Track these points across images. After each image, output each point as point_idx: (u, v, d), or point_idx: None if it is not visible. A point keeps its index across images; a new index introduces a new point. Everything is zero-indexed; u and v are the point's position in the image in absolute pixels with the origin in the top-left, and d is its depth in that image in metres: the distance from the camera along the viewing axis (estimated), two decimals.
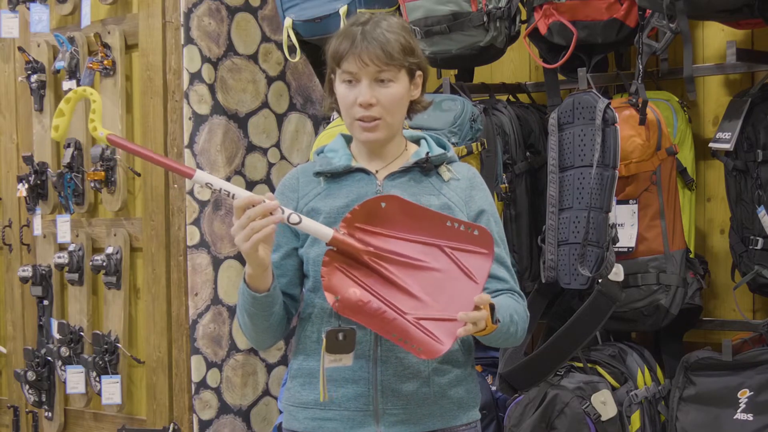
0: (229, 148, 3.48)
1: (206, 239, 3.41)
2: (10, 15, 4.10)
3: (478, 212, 2.08)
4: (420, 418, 2.02)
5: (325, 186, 2.08)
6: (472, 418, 2.10)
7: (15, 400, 4.26)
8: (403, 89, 2.03)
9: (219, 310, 3.44)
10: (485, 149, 2.85)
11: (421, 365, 2.01)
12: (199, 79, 3.39)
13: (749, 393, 2.60)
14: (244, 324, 2.05)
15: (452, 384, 2.05)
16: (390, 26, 2.02)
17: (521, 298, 2.09)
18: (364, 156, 2.10)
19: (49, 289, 4.04)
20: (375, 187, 2.05)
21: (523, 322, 2.06)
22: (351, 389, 2.00)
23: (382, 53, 1.97)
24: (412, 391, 2.01)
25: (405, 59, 2.01)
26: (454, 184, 2.09)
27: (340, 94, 2.03)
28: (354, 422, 2.00)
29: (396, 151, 2.10)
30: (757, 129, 2.72)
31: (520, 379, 2.70)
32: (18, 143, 4.23)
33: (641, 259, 2.72)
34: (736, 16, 2.63)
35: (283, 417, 2.13)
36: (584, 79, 2.82)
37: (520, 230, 3.00)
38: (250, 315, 2.00)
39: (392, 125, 2.04)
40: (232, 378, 3.48)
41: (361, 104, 1.99)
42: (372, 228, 1.94)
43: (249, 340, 2.12)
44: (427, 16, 2.96)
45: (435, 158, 2.08)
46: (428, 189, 2.07)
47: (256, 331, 2.04)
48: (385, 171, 2.08)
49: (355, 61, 1.98)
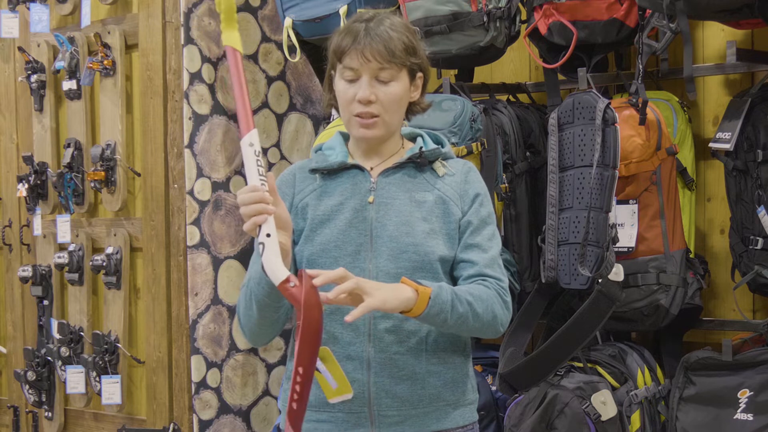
0: (229, 148, 3.48)
1: (206, 239, 3.41)
2: (10, 15, 4.10)
3: (473, 197, 2.08)
4: (415, 420, 2.01)
5: (321, 183, 2.08)
6: (469, 420, 2.10)
7: (15, 400, 4.26)
8: (402, 89, 2.03)
9: (219, 310, 3.44)
10: (485, 149, 2.85)
11: (416, 367, 2.00)
12: (199, 79, 3.39)
13: (749, 393, 2.60)
14: (248, 317, 2.01)
15: (447, 385, 2.04)
16: (393, 25, 2.02)
17: (497, 282, 2.03)
18: (360, 153, 2.11)
19: (49, 289, 4.04)
20: (369, 184, 2.06)
21: (486, 312, 1.98)
22: None
23: (384, 50, 1.97)
24: (407, 393, 2.00)
25: (407, 58, 2.01)
26: (449, 179, 2.09)
27: (340, 89, 2.03)
28: (349, 425, 2.00)
29: (392, 149, 2.11)
30: (757, 129, 2.72)
31: (520, 379, 2.70)
32: (18, 143, 4.23)
33: (641, 259, 2.72)
34: (736, 16, 2.63)
35: (280, 418, 2.12)
36: (584, 79, 2.82)
37: (520, 230, 3.00)
38: (260, 306, 1.95)
39: (390, 124, 2.04)
40: (232, 378, 3.48)
41: (360, 101, 1.99)
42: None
43: (249, 334, 2.07)
44: (427, 16, 2.96)
45: (429, 153, 2.08)
46: (422, 185, 2.07)
47: (261, 324, 2.00)
48: (379, 168, 2.08)
49: (357, 57, 1.98)
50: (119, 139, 3.73)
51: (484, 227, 2.07)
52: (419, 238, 2.01)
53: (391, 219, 2.03)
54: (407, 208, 2.03)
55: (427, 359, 2.02)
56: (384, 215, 2.03)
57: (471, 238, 2.05)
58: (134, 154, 3.75)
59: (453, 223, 2.05)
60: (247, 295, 2.00)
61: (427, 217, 2.03)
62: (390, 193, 2.05)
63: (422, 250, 2.01)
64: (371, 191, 2.05)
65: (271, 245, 1.81)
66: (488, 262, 2.04)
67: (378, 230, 2.02)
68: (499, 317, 2.02)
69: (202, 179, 3.40)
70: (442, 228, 2.04)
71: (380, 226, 2.02)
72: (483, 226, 2.07)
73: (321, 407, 2.01)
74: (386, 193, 2.05)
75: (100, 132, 3.84)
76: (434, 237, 2.02)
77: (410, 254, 2.00)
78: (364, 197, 2.05)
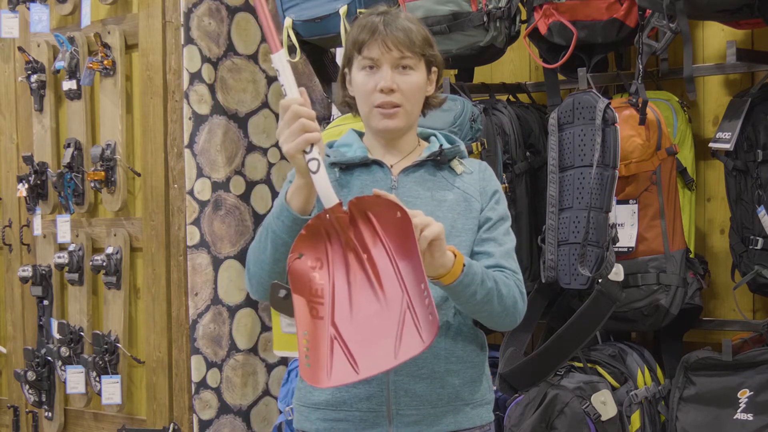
0: (229, 148, 3.48)
1: (206, 239, 3.41)
2: (10, 15, 4.11)
3: (491, 194, 2.08)
4: (433, 420, 2.00)
5: (340, 176, 2.06)
6: (486, 419, 2.09)
7: (15, 400, 4.26)
8: (422, 79, 2.03)
9: (219, 310, 3.44)
10: (485, 149, 2.85)
11: (435, 365, 1.99)
12: (199, 79, 3.39)
13: (749, 393, 2.60)
14: (260, 262, 1.93)
15: (466, 384, 2.04)
16: (409, 18, 2.04)
17: (514, 274, 2.02)
18: (378, 150, 2.09)
19: (49, 289, 4.04)
20: (390, 182, 2.05)
21: (509, 296, 1.97)
22: (363, 389, 1.98)
23: (406, 38, 1.98)
24: (425, 392, 1.99)
25: (425, 49, 2.02)
26: (467, 177, 2.09)
27: (359, 81, 2.02)
28: (366, 423, 1.98)
29: (410, 146, 2.10)
30: (757, 129, 2.72)
31: (520, 379, 2.70)
32: (18, 143, 4.23)
33: (641, 259, 2.72)
34: (736, 16, 2.63)
35: (294, 416, 2.11)
36: (584, 79, 2.82)
37: (520, 230, 3.00)
38: (276, 245, 1.87)
39: (411, 114, 2.04)
40: (232, 378, 3.48)
41: (383, 89, 1.98)
42: (373, 222, 1.81)
43: (256, 284, 1.97)
44: (427, 16, 2.96)
45: (449, 151, 2.08)
46: (442, 183, 2.07)
47: (273, 268, 1.91)
48: (399, 165, 2.07)
49: (378, 47, 1.98)
50: (119, 139, 3.74)
51: (501, 224, 2.08)
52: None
53: None
54: (429, 206, 2.03)
55: (446, 358, 2.01)
56: None
57: (487, 233, 2.05)
58: (134, 154, 3.75)
59: (474, 219, 2.05)
60: (263, 235, 1.92)
61: (449, 215, 2.03)
62: (412, 192, 2.05)
63: None
64: (392, 189, 2.04)
65: (323, 167, 1.77)
66: (504, 254, 2.04)
67: None
68: (519, 306, 2.01)
69: (202, 179, 3.40)
70: (464, 225, 2.04)
71: None
72: (500, 222, 2.07)
73: (338, 406, 2.00)
74: (408, 192, 2.05)
75: (100, 132, 3.84)
76: (456, 235, 2.02)
77: None
78: None
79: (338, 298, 1.78)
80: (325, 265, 1.80)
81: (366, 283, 1.79)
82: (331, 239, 1.81)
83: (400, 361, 1.70)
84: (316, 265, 1.79)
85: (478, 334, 2.09)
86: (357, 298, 1.78)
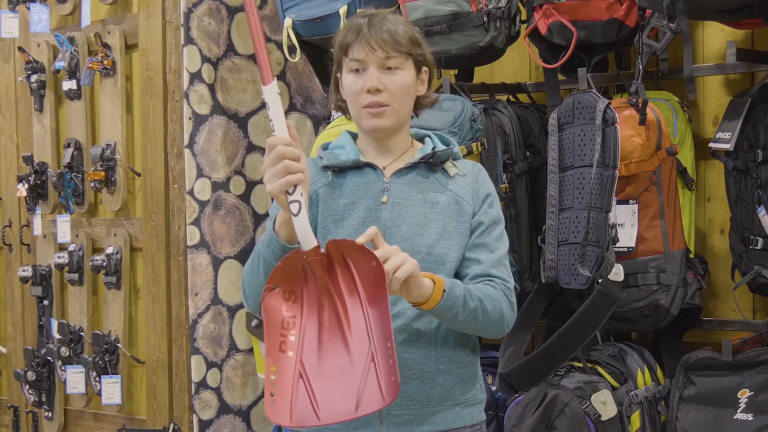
0: (229, 148, 3.48)
1: (206, 239, 3.41)
2: (10, 15, 4.10)
3: (484, 197, 2.08)
4: (424, 420, 2.01)
5: (332, 179, 2.07)
6: (477, 419, 2.09)
7: (15, 400, 4.26)
8: (410, 79, 2.03)
9: (219, 310, 3.44)
10: (485, 149, 2.85)
11: (426, 366, 2.00)
12: (199, 79, 3.39)
13: (749, 393, 2.60)
14: (254, 285, 1.96)
15: (457, 384, 2.04)
16: (396, 19, 2.04)
17: (503, 283, 2.03)
18: (371, 152, 2.10)
19: (49, 289, 4.04)
20: (382, 184, 2.05)
21: (495, 311, 1.98)
22: None
23: (390, 39, 1.98)
24: (416, 392, 2.00)
25: (412, 48, 2.02)
26: (460, 179, 2.09)
27: (348, 83, 2.03)
28: (357, 423, 1.99)
29: (402, 147, 2.10)
30: (757, 129, 2.72)
31: (520, 379, 2.70)
32: (18, 143, 4.23)
33: (641, 259, 2.72)
34: (736, 16, 2.63)
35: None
36: (584, 79, 2.82)
37: (520, 230, 3.00)
38: (267, 271, 1.88)
39: (399, 113, 2.04)
40: (232, 378, 3.48)
41: (369, 90, 1.99)
42: (349, 267, 1.80)
43: (252, 304, 2.00)
44: (427, 16, 2.96)
45: (441, 153, 2.08)
46: (435, 185, 2.07)
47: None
48: (391, 167, 2.08)
49: (362, 48, 1.99)
50: (119, 139, 3.74)
51: (494, 228, 2.08)
52: (432, 239, 2.02)
53: (404, 220, 2.03)
54: (420, 209, 2.03)
55: (437, 358, 2.02)
56: (398, 216, 2.03)
57: (480, 238, 2.05)
58: (134, 154, 3.75)
59: (466, 223, 2.05)
60: (255, 261, 1.96)
61: (440, 218, 2.03)
62: (404, 194, 2.05)
63: (435, 251, 2.01)
64: (384, 191, 2.04)
65: (305, 208, 1.76)
66: (494, 262, 2.04)
67: (391, 230, 2.02)
68: (506, 317, 2.03)
69: (202, 179, 3.40)
70: (455, 228, 2.04)
71: (394, 226, 2.02)
72: (492, 226, 2.07)
73: None
74: (400, 194, 2.05)
75: (100, 132, 3.84)
76: (447, 238, 2.02)
77: (423, 255, 2.00)
78: (377, 197, 2.05)
79: (308, 337, 1.79)
80: (299, 300, 1.81)
81: (336, 327, 1.80)
82: (307, 277, 1.81)
83: (359, 415, 1.72)
84: (290, 298, 1.80)
85: (470, 334, 2.09)
86: (326, 340, 1.79)
